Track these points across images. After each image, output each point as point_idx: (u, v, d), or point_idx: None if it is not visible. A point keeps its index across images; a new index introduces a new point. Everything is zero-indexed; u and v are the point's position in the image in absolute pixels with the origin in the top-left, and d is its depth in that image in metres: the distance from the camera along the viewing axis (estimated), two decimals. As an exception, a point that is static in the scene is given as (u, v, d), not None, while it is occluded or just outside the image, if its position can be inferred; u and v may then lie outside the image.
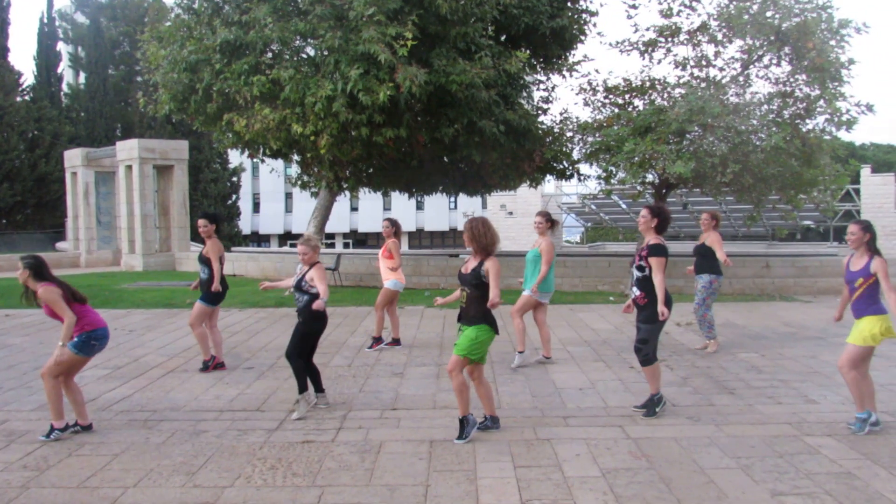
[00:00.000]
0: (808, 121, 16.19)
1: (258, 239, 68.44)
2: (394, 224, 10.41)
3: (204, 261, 8.91)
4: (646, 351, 6.81)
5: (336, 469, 5.50)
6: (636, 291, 6.88)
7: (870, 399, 6.29)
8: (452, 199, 62.88)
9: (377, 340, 10.39)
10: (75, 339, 6.23)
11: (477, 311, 6.11)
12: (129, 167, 25.99)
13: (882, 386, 7.68)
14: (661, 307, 6.66)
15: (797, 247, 38.04)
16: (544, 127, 18.30)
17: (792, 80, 16.30)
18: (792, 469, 5.42)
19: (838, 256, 20.83)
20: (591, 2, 18.26)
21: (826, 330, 11.59)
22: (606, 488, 5.10)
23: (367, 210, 66.61)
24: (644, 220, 6.98)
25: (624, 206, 39.96)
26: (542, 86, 19.56)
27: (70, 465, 5.63)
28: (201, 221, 8.96)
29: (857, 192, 39.02)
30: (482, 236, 6.13)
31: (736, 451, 5.83)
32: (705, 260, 9.96)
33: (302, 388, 6.96)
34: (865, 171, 38.90)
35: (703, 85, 16.61)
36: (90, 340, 6.29)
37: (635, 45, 17.62)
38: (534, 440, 6.13)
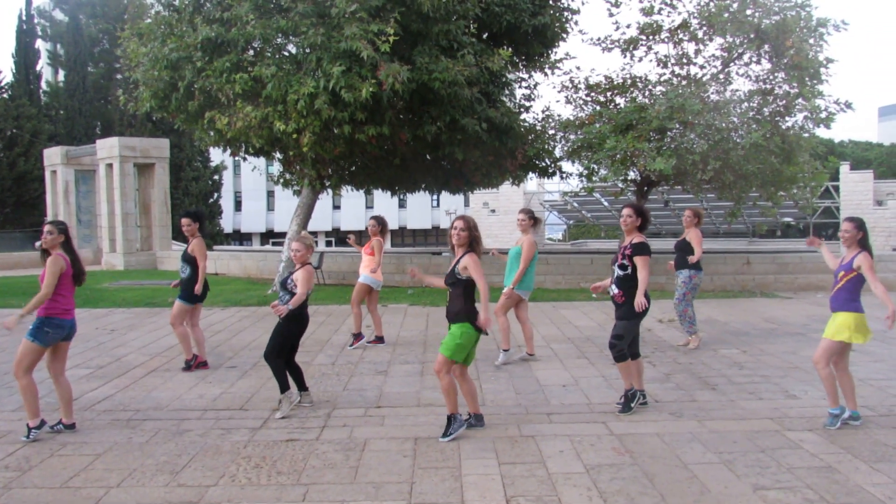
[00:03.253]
0: (787, 118, 16.34)
1: (240, 237, 68.12)
2: (380, 222, 10.31)
3: (188, 259, 8.81)
4: (620, 347, 6.80)
5: (321, 467, 5.50)
6: (615, 290, 6.89)
7: (850, 395, 6.35)
8: (435, 197, 62.83)
9: (357, 337, 10.33)
10: (31, 327, 6.16)
11: (459, 308, 6.12)
12: (110, 165, 25.83)
13: (862, 381, 7.77)
14: (639, 298, 6.67)
15: (777, 243, 38.36)
16: (526, 125, 18.33)
17: (771, 77, 16.44)
18: (774, 463, 5.47)
19: (818, 253, 21.00)
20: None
21: (807, 326, 11.72)
22: (590, 484, 5.13)
23: (349, 208, 66.53)
24: (630, 220, 6.95)
25: (606, 203, 40.09)
26: (524, 84, 19.61)
27: (52, 466, 5.59)
28: (184, 220, 8.88)
29: (837, 189, 39.40)
30: (475, 229, 6.23)
31: (718, 446, 5.87)
32: (686, 256, 10.04)
33: (283, 388, 6.92)
34: (844, 169, 39.31)
35: (683, 82, 16.74)
36: (43, 327, 6.14)
37: (617, 43, 17.71)
38: (518, 437, 6.15)
